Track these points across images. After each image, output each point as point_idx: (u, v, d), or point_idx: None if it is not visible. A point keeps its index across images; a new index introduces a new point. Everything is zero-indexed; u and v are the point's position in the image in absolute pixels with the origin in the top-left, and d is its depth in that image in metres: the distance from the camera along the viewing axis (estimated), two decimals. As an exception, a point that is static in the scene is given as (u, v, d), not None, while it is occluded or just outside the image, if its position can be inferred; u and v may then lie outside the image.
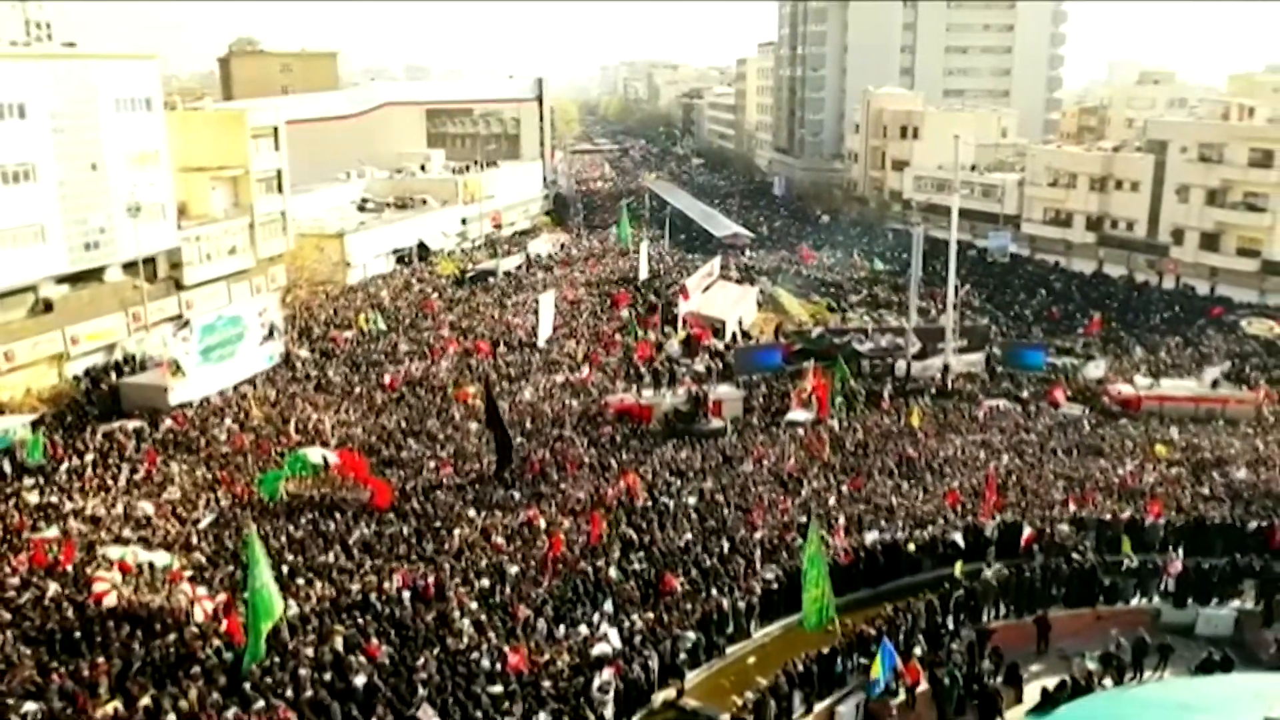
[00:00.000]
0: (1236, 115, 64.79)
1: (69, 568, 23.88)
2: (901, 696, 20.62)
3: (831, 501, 28.53)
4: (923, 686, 20.81)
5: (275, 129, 53.30)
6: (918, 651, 21.35)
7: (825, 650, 20.78)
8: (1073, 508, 28.00)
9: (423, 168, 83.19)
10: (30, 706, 18.57)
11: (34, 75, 38.43)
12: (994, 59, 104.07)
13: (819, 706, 20.35)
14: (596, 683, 19.05)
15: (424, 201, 73.16)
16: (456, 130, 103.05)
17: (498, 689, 19.19)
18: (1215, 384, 39.57)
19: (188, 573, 23.31)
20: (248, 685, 19.20)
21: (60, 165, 39.44)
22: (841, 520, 26.76)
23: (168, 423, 34.73)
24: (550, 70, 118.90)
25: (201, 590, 22.11)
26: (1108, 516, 27.15)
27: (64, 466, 30.79)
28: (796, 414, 36.71)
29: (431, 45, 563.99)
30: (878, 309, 56.09)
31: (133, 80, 42.98)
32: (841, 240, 78.46)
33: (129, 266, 42.91)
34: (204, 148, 49.22)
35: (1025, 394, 40.58)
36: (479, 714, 18.46)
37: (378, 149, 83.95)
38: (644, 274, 59.85)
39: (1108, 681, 21.37)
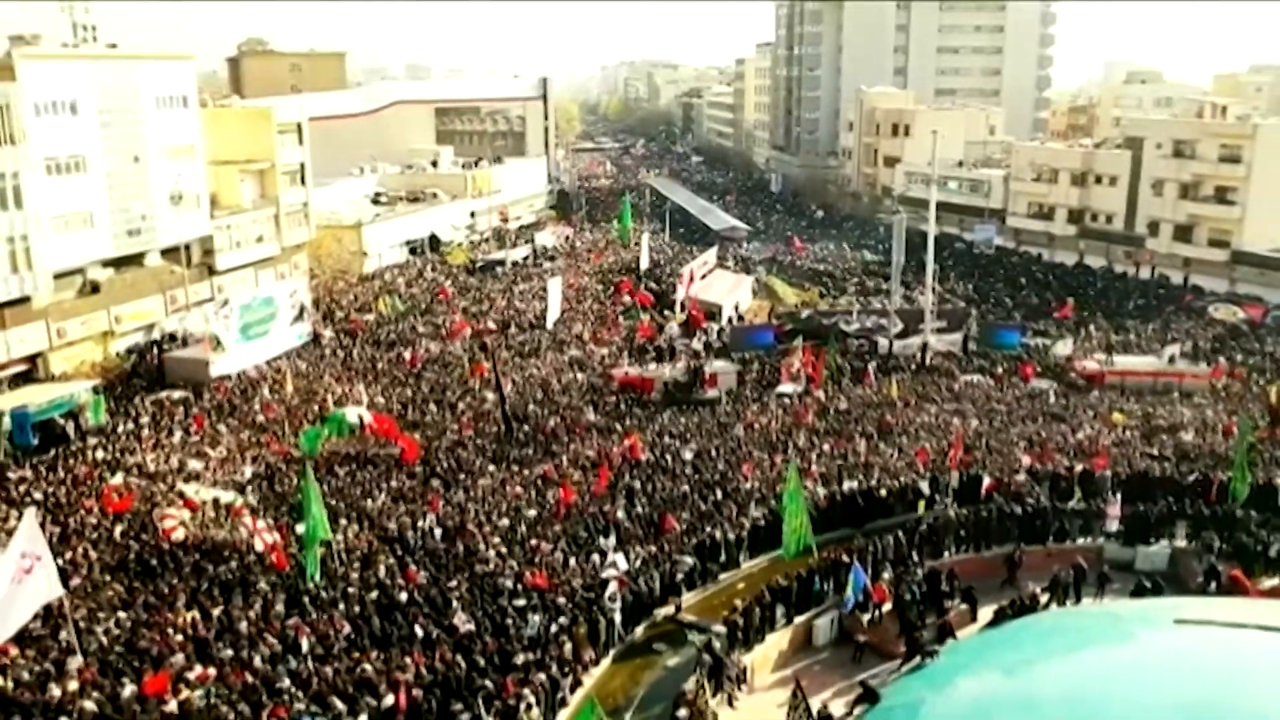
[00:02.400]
0: (1210, 113, 67.59)
1: (137, 508, 27.04)
2: (871, 613, 23.76)
3: (814, 457, 31.61)
4: (889, 606, 24.00)
5: (299, 125, 56.22)
6: (886, 576, 24.53)
7: (804, 572, 23.92)
8: (1029, 461, 30.98)
9: (433, 163, 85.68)
10: (121, 614, 21.78)
11: (84, 74, 41.51)
12: (985, 59, 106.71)
13: (799, 619, 23.52)
14: (606, 594, 22.20)
15: (434, 195, 75.83)
16: (464, 128, 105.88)
17: (520, 602, 22.36)
18: (1172, 360, 42.60)
19: (246, 511, 26.49)
20: (306, 599, 22.37)
21: (107, 158, 42.52)
22: (819, 469, 29.90)
23: (209, 393, 37.89)
24: (551, 70, 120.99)
25: (261, 524, 25.22)
26: (1062, 470, 30.25)
27: (121, 429, 34.01)
28: (785, 386, 39.82)
29: (431, 44, 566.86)
30: (866, 296, 59.05)
31: (171, 79, 46.16)
32: (835, 233, 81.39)
33: (166, 252, 46.10)
34: (233, 142, 52.10)
35: (999, 370, 43.58)
36: (507, 622, 21.61)
37: (390, 145, 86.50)
38: (645, 264, 62.94)
39: (1052, 605, 24.51)
